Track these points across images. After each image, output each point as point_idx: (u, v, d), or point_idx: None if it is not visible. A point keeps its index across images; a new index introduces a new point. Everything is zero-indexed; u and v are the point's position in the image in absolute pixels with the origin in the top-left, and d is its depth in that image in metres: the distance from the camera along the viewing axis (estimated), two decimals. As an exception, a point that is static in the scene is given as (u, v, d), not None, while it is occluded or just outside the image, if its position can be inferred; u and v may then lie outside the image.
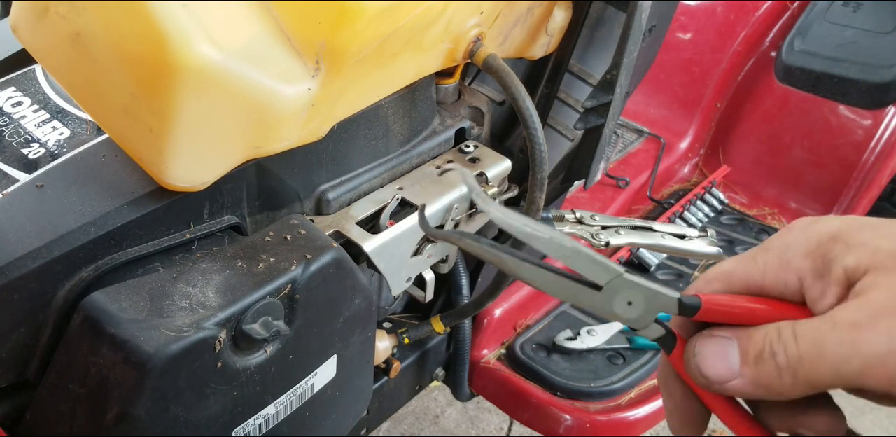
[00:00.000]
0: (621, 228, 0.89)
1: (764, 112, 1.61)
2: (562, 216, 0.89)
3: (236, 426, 0.68)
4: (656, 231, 0.89)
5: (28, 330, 0.61)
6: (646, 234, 0.89)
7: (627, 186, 1.54)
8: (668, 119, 1.69)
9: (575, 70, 0.97)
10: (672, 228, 0.89)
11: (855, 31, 1.45)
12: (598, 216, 0.89)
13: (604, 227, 0.89)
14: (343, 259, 0.69)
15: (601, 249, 0.89)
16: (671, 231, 0.89)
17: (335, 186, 0.77)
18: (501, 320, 1.28)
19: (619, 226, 0.89)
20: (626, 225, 0.89)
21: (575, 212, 0.90)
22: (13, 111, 0.71)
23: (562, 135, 1.01)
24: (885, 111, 1.47)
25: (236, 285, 0.62)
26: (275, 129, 0.63)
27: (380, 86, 0.72)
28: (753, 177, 1.64)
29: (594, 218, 0.89)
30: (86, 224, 0.60)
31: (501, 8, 0.78)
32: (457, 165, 0.85)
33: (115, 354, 0.57)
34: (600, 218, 0.89)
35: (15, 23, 0.62)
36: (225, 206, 0.68)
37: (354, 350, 0.78)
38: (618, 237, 0.88)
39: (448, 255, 0.90)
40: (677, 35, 1.65)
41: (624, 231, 0.89)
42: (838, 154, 1.52)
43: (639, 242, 0.88)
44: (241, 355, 0.63)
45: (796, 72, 1.51)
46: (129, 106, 0.58)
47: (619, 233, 0.88)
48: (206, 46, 0.56)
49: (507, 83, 0.77)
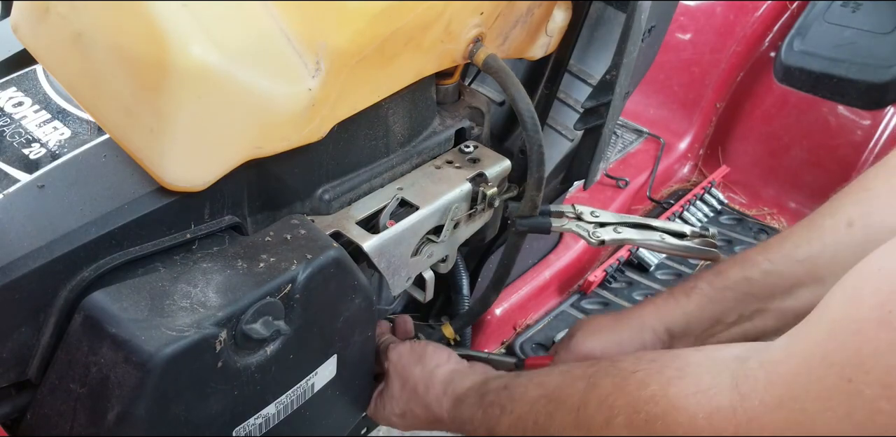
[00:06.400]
0: (620, 225, 0.89)
1: (763, 112, 1.61)
2: (561, 212, 0.90)
3: (237, 425, 0.68)
4: (655, 229, 0.89)
5: (29, 330, 0.61)
6: (644, 232, 0.89)
7: (627, 187, 1.54)
8: (667, 119, 1.69)
9: (575, 70, 0.97)
10: (671, 225, 0.89)
11: (854, 31, 1.45)
12: (598, 212, 0.90)
13: (602, 224, 0.89)
14: (343, 259, 0.69)
15: (597, 246, 0.89)
16: (670, 228, 0.89)
17: (335, 186, 0.77)
18: (501, 319, 1.28)
19: (618, 223, 0.89)
20: (625, 222, 0.89)
21: (575, 207, 0.90)
22: (14, 111, 0.71)
23: (562, 135, 1.01)
24: (883, 111, 1.47)
25: (237, 284, 0.62)
26: (275, 129, 0.63)
27: (380, 86, 0.72)
28: (753, 177, 1.64)
29: (594, 214, 0.89)
30: (86, 224, 0.60)
31: (501, 8, 0.78)
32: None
33: (116, 353, 0.57)
34: (600, 214, 0.89)
35: (16, 23, 0.62)
36: (225, 206, 0.68)
37: (354, 350, 0.78)
38: (613, 235, 0.88)
39: (448, 255, 0.90)
40: (677, 35, 1.65)
41: (623, 229, 0.89)
42: (837, 154, 1.52)
43: (635, 239, 0.88)
44: (242, 354, 0.63)
45: (795, 72, 1.51)
46: (129, 106, 0.58)
47: (617, 231, 0.89)
48: (206, 47, 0.56)
49: (506, 84, 0.77)
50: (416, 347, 0.88)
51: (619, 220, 0.89)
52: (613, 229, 0.89)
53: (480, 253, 1.13)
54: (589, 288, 1.38)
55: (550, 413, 0.66)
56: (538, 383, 0.70)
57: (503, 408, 0.72)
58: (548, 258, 1.37)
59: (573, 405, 0.64)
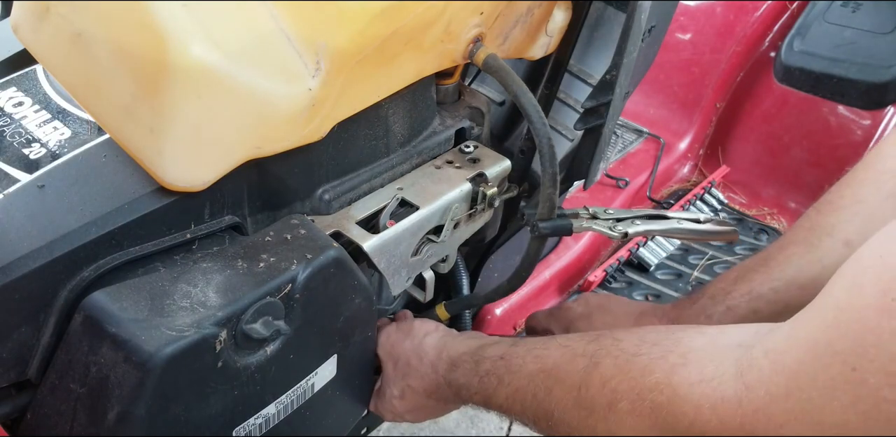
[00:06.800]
0: (636, 219, 0.90)
1: (763, 112, 1.61)
2: (576, 214, 0.90)
3: (237, 425, 0.68)
4: (671, 218, 0.90)
5: (29, 330, 0.61)
6: (661, 222, 0.90)
7: (627, 187, 1.54)
8: (667, 119, 1.69)
9: (575, 70, 0.97)
10: (685, 214, 0.91)
11: (854, 31, 1.45)
12: (611, 210, 0.91)
13: (618, 219, 0.90)
14: (343, 259, 0.69)
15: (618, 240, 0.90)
16: (685, 217, 0.90)
17: (335, 186, 0.77)
18: (501, 319, 1.29)
19: (633, 217, 0.90)
20: (640, 215, 0.91)
21: (588, 208, 0.91)
22: (14, 111, 0.71)
23: (562, 135, 1.01)
24: (883, 111, 1.47)
25: (237, 284, 0.62)
26: (275, 129, 0.63)
27: (380, 86, 0.72)
28: (753, 177, 1.64)
29: (607, 212, 0.91)
30: (87, 224, 0.60)
31: (501, 8, 0.78)
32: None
33: (116, 353, 0.57)
34: (614, 212, 0.91)
35: (16, 23, 0.62)
36: (225, 206, 0.68)
37: (354, 350, 0.78)
38: (634, 227, 0.89)
39: (448, 255, 0.90)
40: (677, 35, 1.65)
41: (640, 221, 0.90)
42: (837, 154, 1.52)
43: (655, 228, 0.89)
44: (242, 354, 0.63)
45: (795, 72, 1.51)
46: (129, 106, 0.58)
47: (635, 223, 0.90)
48: (207, 47, 0.56)
49: (507, 82, 0.77)
50: (402, 325, 0.88)
51: (633, 215, 0.91)
52: (631, 222, 0.90)
53: (480, 253, 1.13)
54: (589, 288, 1.38)
55: (549, 388, 0.66)
56: (536, 356, 0.70)
57: (500, 379, 0.72)
58: (548, 258, 1.37)
59: (574, 384, 0.64)
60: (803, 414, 0.47)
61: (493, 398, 0.73)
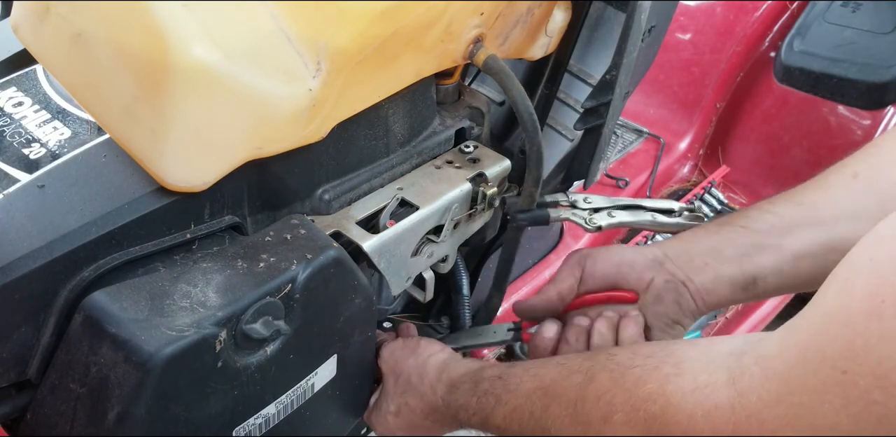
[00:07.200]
0: (613, 209, 0.94)
1: (763, 112, 1.61)
2: (556, 202, 0.93)
3: (237, 425, 0.68)
4: (646, 209, 0.93)
5: (29, 330, 0.61)
6: (636, 213, 0.94)
7: (627, 187, 1.54)
8: (667, 119, 1.69)
9: (575, 70, 0.97)
10: (660, 203, 0.94)
11: (854, 31, 1.45)
12: (590, 198, 0.94)
13: (596, 209, 0.94)
14: (343, 259, 0.69)
15: (594, 232, 0.95)
16: (659, 207, 0.93)
17: (335, 186, 0.77)
18: (501, 319, 1.28)
19: (610, 207, 0.94)
20: (617, 205, 0.94)
21: (568, 195, 0.94)
22: (14, 111, 0.71)
23: (561, 135, 1.01)
24: (884, 112, 1.47)
25: (237, 284, 0.62)
26: (276, 129, 0.63)
27: (380, 86, 0.72)
28: (753, 177, 1.64)
29: (587, 200, 0.94)
30: (87, 224, 0.60)
31: (502, 9, 0.78)
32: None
33: (116, 353, 0.57)
34: (593, 199, 0.94)
35: (16, 23, 0.62)
36: (225, 206, 0.68)
37: (354, 350, 0.79)
38: (609, 220, 0.92)
39: (448, 255, 0.90)
40: (677, 35, 1.65)
41: (616, 212, 0.93)
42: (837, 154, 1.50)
43: (628, 221, 0.93)
44: (242, 354, 0.63)
45: (795, 72, 1.51)
46: (129, 106, 0.58)
47: (611, 215, 0.93)
48: (207, 47, 0.56)
49: (506, 85, 0.77)
50: (409, 342, 0.88)
51: (611, 203, 0.94)
52: (607, 214, 0.93)
53: (480, 253, 1.13)
54: (589, 288, 1.38)
55: (546, 406, 0.66)
56: (534, 374, 0.70)
57: (498, 399, 0.72)
58: (548, 258, 1.37)
59: (570, 400, 0.64)
60: (795, 419, 0.47)
61: (491, 418, 0.72)
